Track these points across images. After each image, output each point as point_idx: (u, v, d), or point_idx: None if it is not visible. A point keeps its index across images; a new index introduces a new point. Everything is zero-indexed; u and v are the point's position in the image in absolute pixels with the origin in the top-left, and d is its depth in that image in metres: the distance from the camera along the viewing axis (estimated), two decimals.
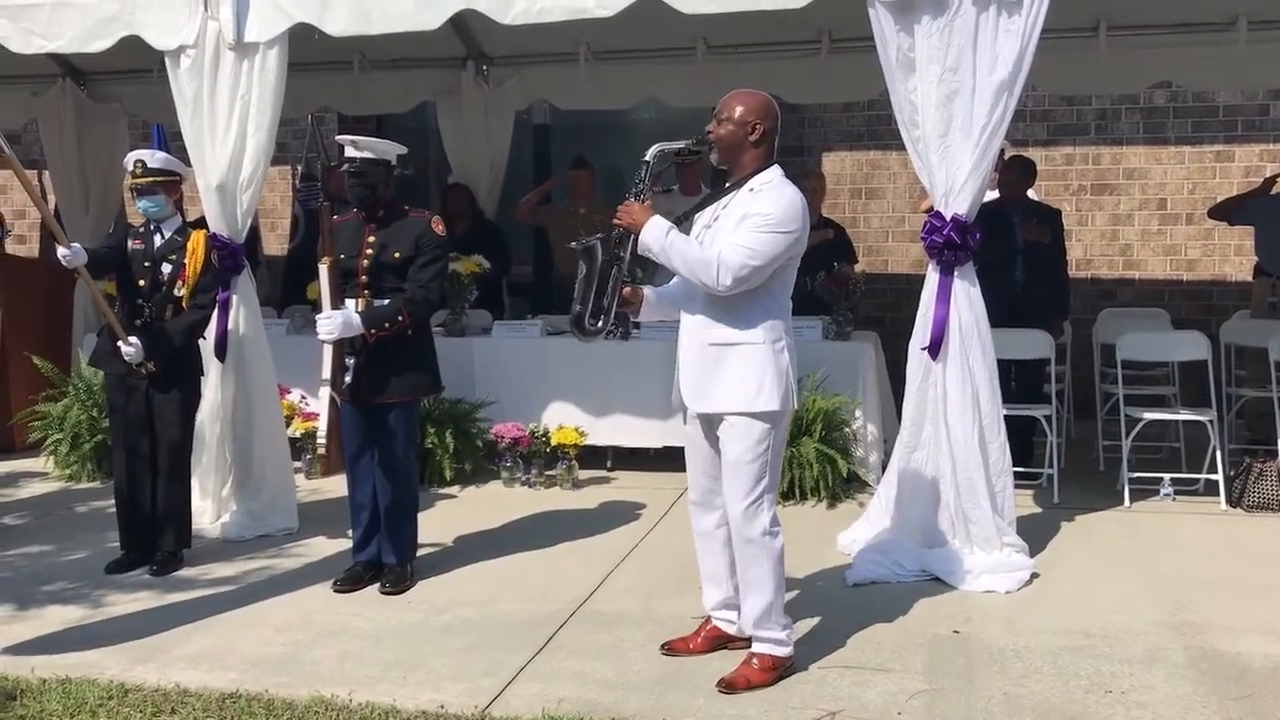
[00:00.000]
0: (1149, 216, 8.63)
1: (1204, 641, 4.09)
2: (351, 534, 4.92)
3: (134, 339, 4.90)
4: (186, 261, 5.00)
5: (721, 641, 4.03)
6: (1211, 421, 5.98)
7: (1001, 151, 5.57)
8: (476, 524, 5.71)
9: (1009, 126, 4.85)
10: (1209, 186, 8.46)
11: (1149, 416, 6.16)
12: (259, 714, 3.60)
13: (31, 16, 5.69)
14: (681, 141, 3.85)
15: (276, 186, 9.73)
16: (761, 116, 3.72)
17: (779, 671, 3.78)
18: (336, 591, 4.73)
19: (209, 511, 5.62)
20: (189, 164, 5.44)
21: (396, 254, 4.67)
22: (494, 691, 3.75)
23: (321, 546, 5.38)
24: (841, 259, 6.79)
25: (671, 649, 4.03)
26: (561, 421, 6.53)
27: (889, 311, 8.40)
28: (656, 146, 3.80)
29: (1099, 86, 7.76)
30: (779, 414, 3.73)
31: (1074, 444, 7.16)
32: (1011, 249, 6.42)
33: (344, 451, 4.74)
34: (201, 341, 5.30)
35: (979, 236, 4.87)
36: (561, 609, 4.49)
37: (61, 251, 4.80)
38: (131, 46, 5.63)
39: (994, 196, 6.42)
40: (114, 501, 5.19)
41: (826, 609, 4.41)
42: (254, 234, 7.69)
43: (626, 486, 6.47)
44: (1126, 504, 5.89)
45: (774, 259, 3.62)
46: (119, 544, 5.13)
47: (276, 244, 9.57)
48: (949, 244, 4.82)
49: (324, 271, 4.61)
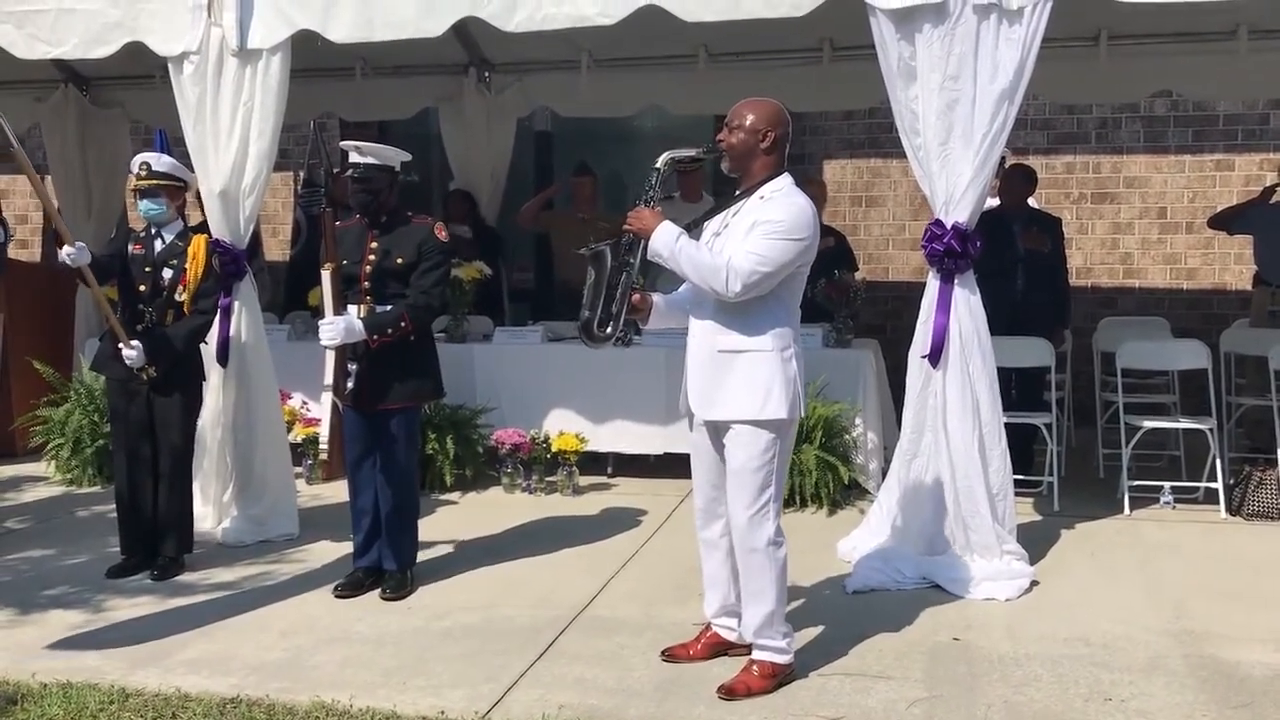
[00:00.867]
0: (1149, 225, 8.65)
1: (1204, 650, 4.09)
2: (352, 539, 4.92)
3: (135, 342, 4.90)
4: (187, 266, 5.00)
5: (722, 648, 4.03)
6: (1211, 430, 6.00)
7: (1002, 160, 5.57)
8: (477, 530, 5.71)
9: (1010, 135, 4.85)
10: (1209, 195, 8.47)
11: (1149, 425, 6.17)
12: (260, 719, 3.60)
13: (36, 22, 5.71)
14: (692, 149, 3.86)
15: (278, 192, 9.73)
16: (773, 124, 3.72)
17: (779, 679, 3.78)
18: (337, 597, 4.74)
19: (210, 517, 5.62)
20: (193, 170, 5.44)
21: (399, 260, 4.67)
22: (494, 697, 3.75)
23: (322, 552, 5.38)
24: (842, 266, 6.79)
25: (672, 655, 4.03)
26: (562, 427, 6.55)
27: (889, 319, 8.40)
28: (668, 154, 3.79)
29: (1100, 95, 7.77)
30: (786, 422, 3.72)
31: (1074, 452, 7.17)
32: (1012, 257, 6.43)
33: (345, 457, 4.75)
34: (203, 346, 5.30)
35: (979, 244, 4.88)
36: (562, 615, 4.49)
37: (66, 249, 4.80)
38: (134, 52, 5.65)
39: (995, 205, 6.44)
40: (115, 506, 5.19)
41: (827, 616, 4.41)
42: (254, 239, 7.68)
43: (627, 493, 6.47)
44: (1126, 512, 5.89)
45: (784, 266, 3.63)
46: (120, 549, 5.13)
47: (278, 250, 9.58)
48: (949, 252, 4.82)
49: (326, 277, 4.61)
